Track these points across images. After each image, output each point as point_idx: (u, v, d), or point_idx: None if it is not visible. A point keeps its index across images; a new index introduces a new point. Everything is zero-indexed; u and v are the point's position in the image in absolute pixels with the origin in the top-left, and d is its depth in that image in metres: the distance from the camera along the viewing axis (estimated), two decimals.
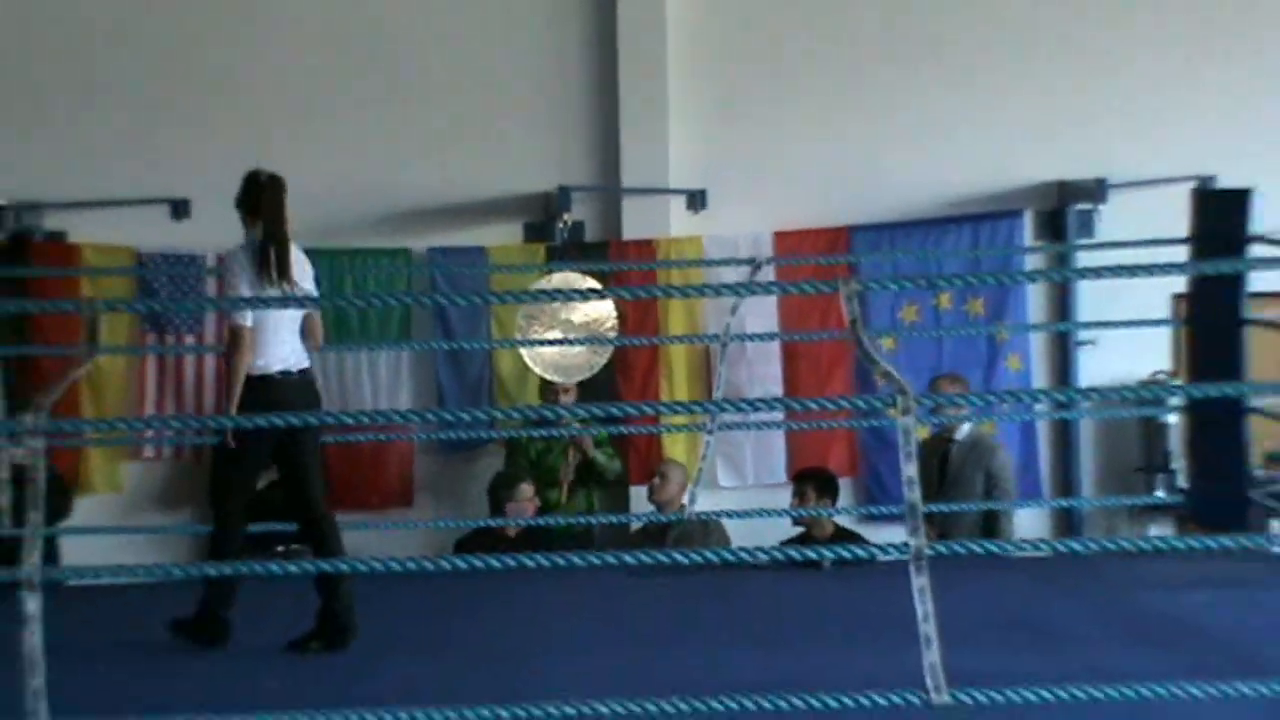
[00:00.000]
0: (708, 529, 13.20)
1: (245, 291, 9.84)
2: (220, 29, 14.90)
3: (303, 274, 10.11)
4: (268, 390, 9.75)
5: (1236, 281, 11.92)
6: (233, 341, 9.81)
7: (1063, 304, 14.76)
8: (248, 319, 9.69)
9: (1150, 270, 8.63)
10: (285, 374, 9.91)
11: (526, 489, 13.28)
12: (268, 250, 9.90)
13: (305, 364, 10.12)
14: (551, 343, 13.96)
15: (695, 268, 14.38)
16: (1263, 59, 14.73)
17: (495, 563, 8.71)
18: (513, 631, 10.28)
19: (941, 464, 13.18)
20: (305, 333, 10.09)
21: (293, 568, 9.66)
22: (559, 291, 13.61)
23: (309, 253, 14.04)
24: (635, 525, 13.60)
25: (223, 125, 14.55)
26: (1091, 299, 14.36)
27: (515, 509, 13.13)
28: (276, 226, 10.01)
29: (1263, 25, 14.82)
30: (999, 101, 14.94)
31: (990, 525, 13.31)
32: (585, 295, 13.53)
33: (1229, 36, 14.82)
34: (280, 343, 9.90)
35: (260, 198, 10.08)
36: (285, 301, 9.89)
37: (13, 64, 14.77)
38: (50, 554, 11.98)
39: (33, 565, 7.39)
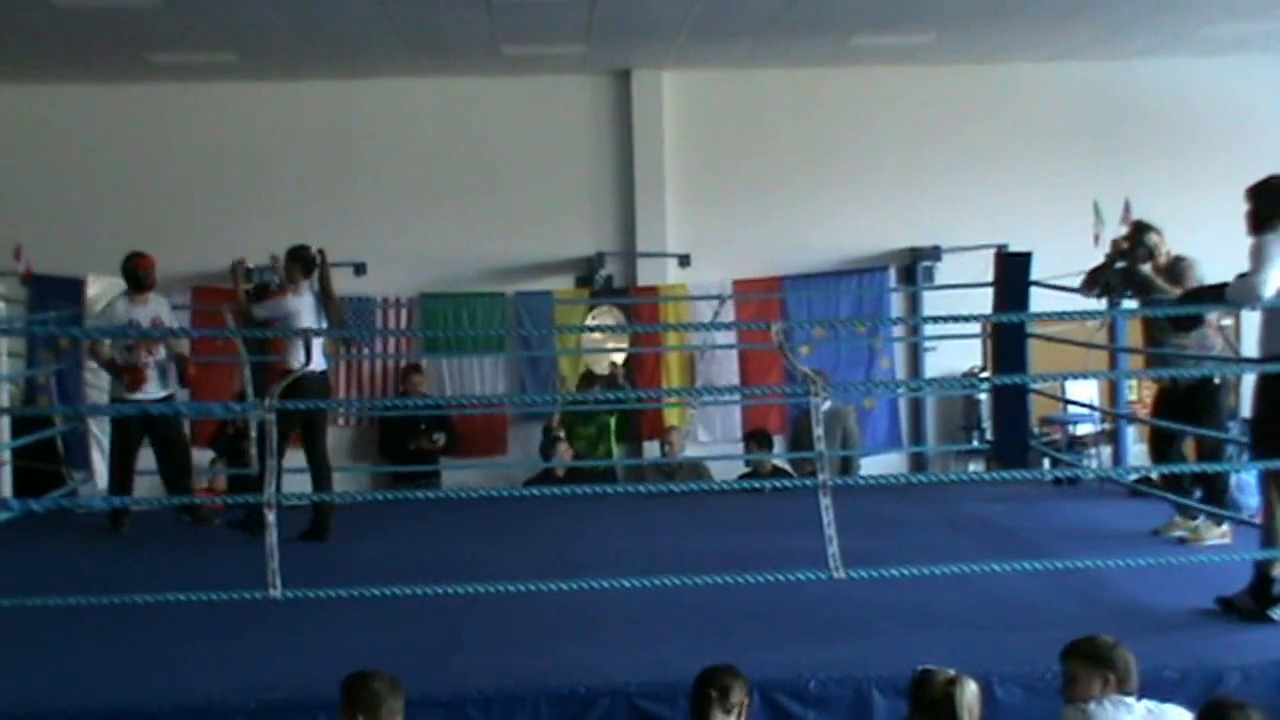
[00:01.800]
0: (695, 467, 13.43)
1: (310, 322, 10.37)
2: (379, 149, 14.85)
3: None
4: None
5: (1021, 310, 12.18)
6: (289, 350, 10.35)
7: (915, 326, 14.66)
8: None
9: (957, 319, 8.89)
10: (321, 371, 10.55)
11: (563, 445, 13.41)
12: (324, 297, 10.56)
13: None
14: (588, 351, 14.26)
15: (683, 302, 14.47)
16: (1040, 170, 14.78)
17: (556, 491, 8.93)
18: (570, 530, 10.44)
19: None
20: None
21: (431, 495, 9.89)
22: (596, 326, 13.96)
23: (440, 297, 14.41)
24: (649, 465, 13.82)
25: (384, 213, 14.65)
26: (932, 323, 14.36)
27: (558, 458, 13.34)
28: (326, 282, 10.59)
29: (1041, 151, 14.88)
30: (875, 196, 14.90)
31: (846, 462, 13.40)
32: (611, 329, 13.93)
33: (1019, 155, 14.88)
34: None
35: (313, 264, 10.49)
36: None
37: (265, 169, 14.80)
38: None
39: (271, 492, 7.72)
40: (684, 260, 14.75)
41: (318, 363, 10.46)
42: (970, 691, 5.15)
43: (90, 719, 6.30)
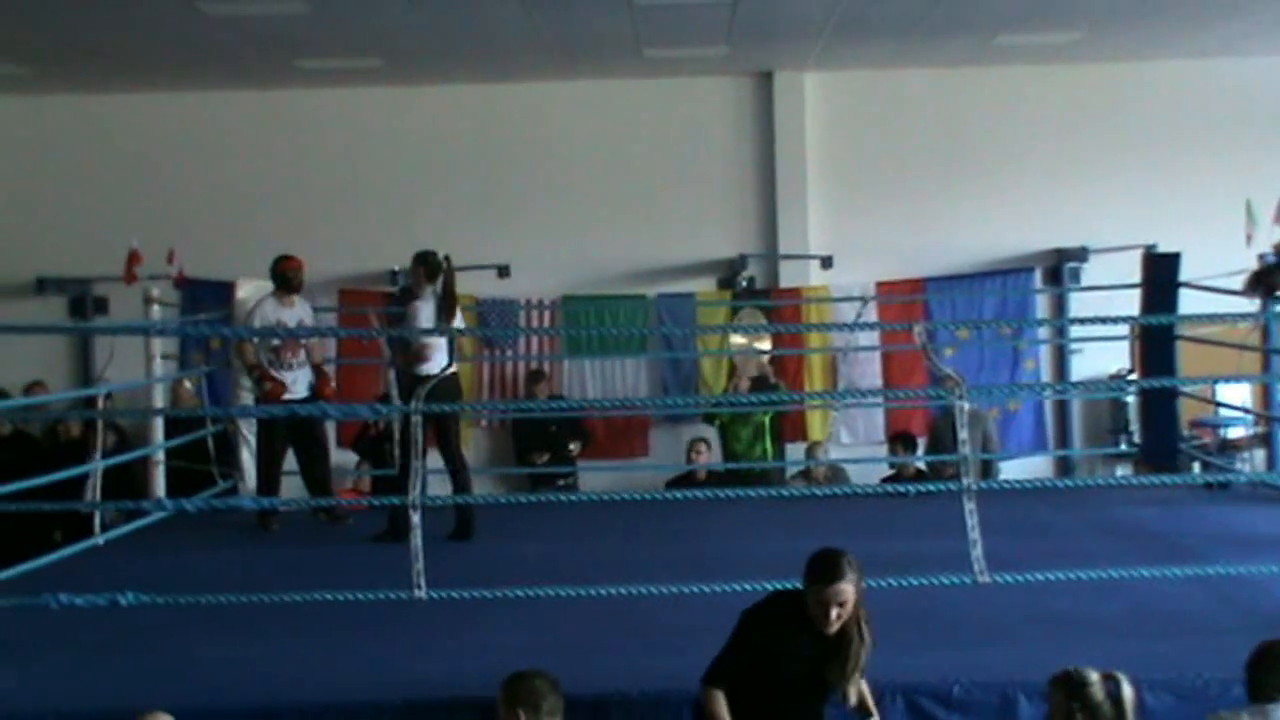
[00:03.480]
0: (836, 471, 13.38)
1: (427, 324, 10.37)
2: (522, 152, 14.97)
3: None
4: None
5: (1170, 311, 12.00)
6: (419, 353, 10.34)
7: (1060, 327, 14.47)
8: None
9: (1104, 321, 8.78)
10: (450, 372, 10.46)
11: (701, 445, 13.55)
12: (445, 300, 10.41)
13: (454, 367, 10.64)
14: (725, 353, 14.25)
15: (826, 304, 14.39)
16: (1190, 169, 14.52)
17: (697, 494, 8.93)
18: (712, 532, 10.49)
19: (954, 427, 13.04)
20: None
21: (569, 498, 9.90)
22: (738, 325, 13.94)
23: (583, 299, 14.49)
24: (792, 470, 13.79)
25: (528, 215, 14.80)
26: (1078, 324, 14.14)
27: (697, 460, 13.42)
28: (449, 286, 10.43)
29: (1191, 150, 14.63)
30: (1020, 197, 14.77)
31: (986, 465, 13.00)
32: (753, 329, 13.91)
33: (1168, 154, 14.68)
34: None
35: (438, 269, 10.44)
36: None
37: (410, 173, 14.99)
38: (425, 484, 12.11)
39: (415, 493, 7.80)
40: (826, 262, 14.69)
41: (444, 364, 10.52)
42: (1129, 690, 5.09)
43: (237, 716, 6.37)
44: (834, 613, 5.60)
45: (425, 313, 10.50)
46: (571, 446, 14.09)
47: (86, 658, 7.34)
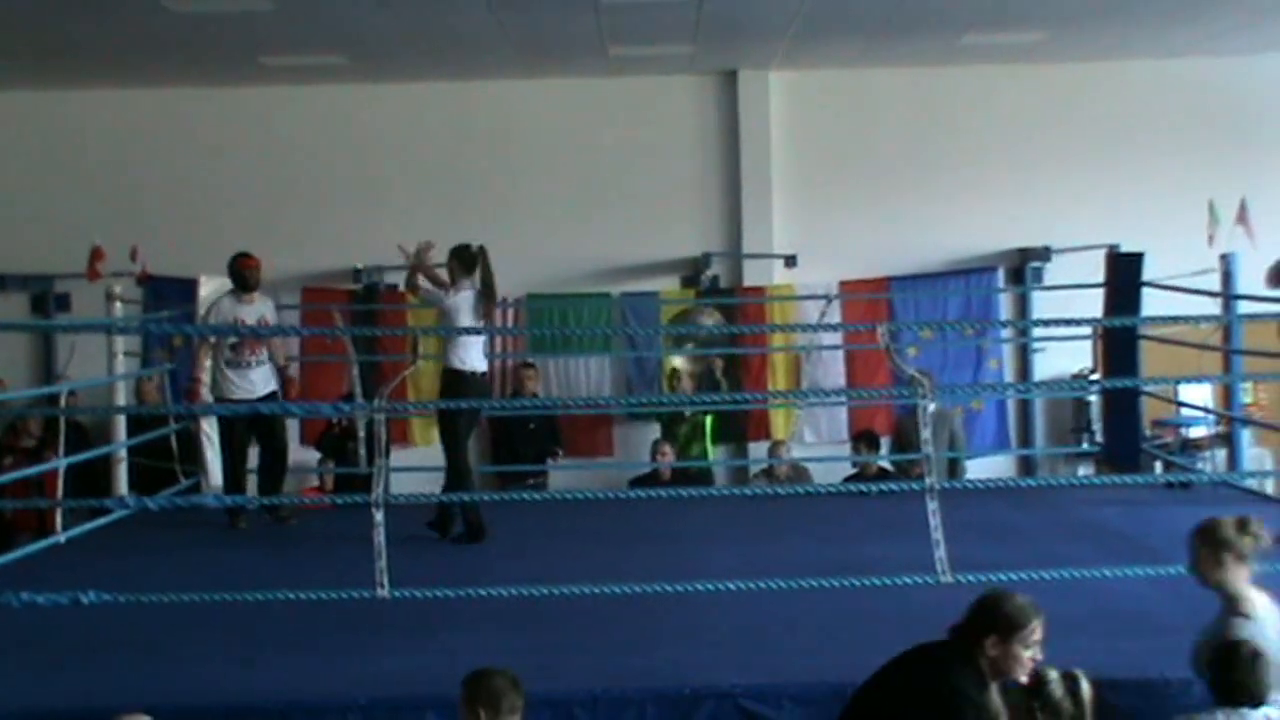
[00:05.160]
0: (799, 469, 13.37)
1: (469, 321, 10.22)
2: (487, 149, 14.98)
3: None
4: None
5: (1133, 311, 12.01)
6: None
7: (1024, 327, 14.49)
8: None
9: (1067, 323, 8.78)
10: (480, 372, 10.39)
11: (665, 446, 13.50)
12: (485, 290, 10.30)
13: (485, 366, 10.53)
14: (687, 352, 14.23)
15: (790, 303, 14.43)
16: (1153, 169, 14.59)
17: (660, 493, 8.87)
18: (674, 532, 10.38)
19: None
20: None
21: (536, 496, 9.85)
22: (701, 326, 13.91)
23: (547, 297, 14.45)
24: (754, 469, 13.78)
25: (492, 212, 14.52)
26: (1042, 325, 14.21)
27: (661, 459, 13.38)
28: (488, 280, 10.31)
29: (1155, 150, 14.70)
30: (984, 196, 14.81)
31: (953, 465, 13.03)
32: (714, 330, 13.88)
33: (1131, 155, 14.74)
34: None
35: (473, 261, 10.33)
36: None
37: (375, 170, 14.96)
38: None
39: (379, 492, 7.76)
40: (790, 261, 14.70)
41: (475, 363, 10.38)
42: (1087, 687, 5.11)
43: (202, 715, 6.33)
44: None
45: (464, 307, 10.35)
46: (558, 451, 14.16)
47: (47, 657, 7.28)
